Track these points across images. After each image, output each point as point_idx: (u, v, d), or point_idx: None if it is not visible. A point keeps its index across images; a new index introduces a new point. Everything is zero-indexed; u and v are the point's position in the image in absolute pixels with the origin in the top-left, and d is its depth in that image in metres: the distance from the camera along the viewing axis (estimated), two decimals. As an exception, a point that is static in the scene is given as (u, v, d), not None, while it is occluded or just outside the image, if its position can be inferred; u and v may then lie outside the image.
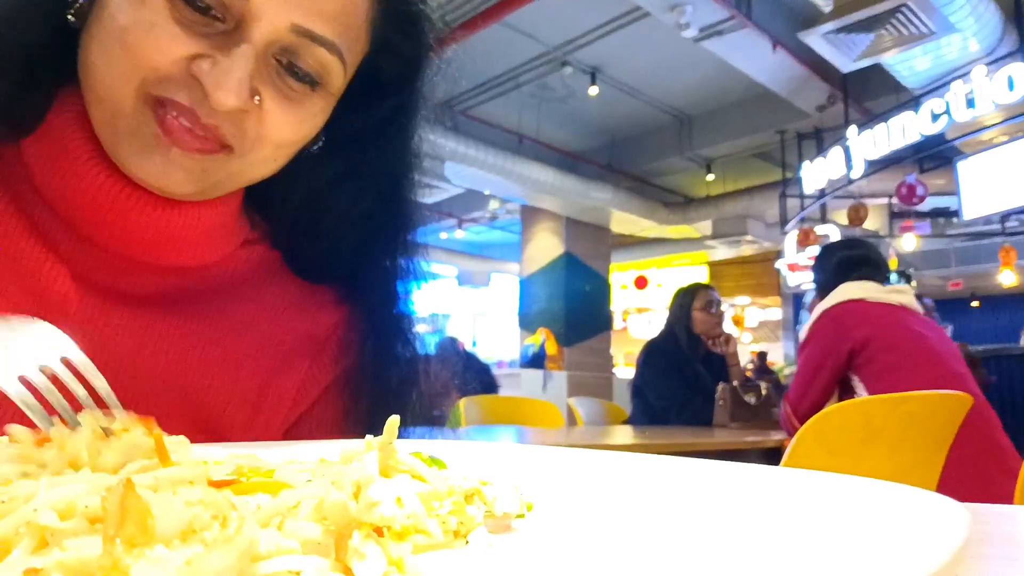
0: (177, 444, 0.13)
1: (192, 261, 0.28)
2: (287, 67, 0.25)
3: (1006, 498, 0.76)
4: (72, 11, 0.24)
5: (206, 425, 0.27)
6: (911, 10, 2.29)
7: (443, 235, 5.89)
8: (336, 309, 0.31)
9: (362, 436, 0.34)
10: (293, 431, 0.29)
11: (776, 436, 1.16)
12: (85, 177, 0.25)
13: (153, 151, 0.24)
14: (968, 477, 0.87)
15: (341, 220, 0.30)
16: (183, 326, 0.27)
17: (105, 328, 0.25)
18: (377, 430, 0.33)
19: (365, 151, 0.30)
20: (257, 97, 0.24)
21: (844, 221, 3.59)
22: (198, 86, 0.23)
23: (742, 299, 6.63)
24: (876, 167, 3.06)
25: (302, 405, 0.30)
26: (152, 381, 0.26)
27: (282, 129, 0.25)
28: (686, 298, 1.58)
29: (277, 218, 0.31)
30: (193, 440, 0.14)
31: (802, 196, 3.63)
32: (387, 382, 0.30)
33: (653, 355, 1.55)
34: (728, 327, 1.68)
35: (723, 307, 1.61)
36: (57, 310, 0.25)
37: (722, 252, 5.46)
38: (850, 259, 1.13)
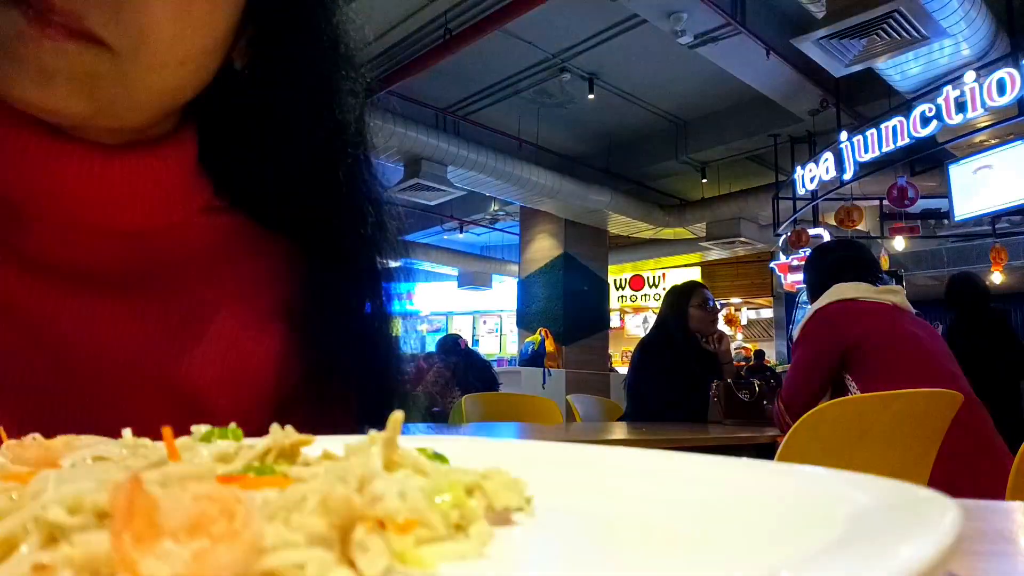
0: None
1: (146, 222, 0.24)
2: None
3: (998, 496, 0.77)
4: None
5: (192, 409, 0.24)
6: (903, 15, 2.32)
7: (444, 236, 5.90)
8: (311, 281, 0.28)
9: (341, 411, 0.28)
10: (286, 405, 0.27)
11: (770, 432, 1.16)
12: (8, 143, 0.21)
13: (20, 55, 0.19)
14: (961, 475, 0.88)
15: (281, 141, 0.26)
16: (150, 309, 0.24)
17: (61, 318, 0.22)
18: (366, 401, 0.28)
19: (290, 53, 0.25)
20: None
21: (835, 223, 3.63)
22: None
23: (736, 299, 6.67)
24: (868, 170, 3.10)
25: (287, 376, 0.27)
26: (125, 368, 0.23)
27: (168, 16, 0.20)
28: (682, 296, 1.58)
29: (233, 172, 0.27)
30: (183, 424, 0.13)
31: (795, 199, 3.67)
32: (359, 354, 0.28)
33: (648, 353, 1.54)
34: (721, 326, 1.70)
35: (717, 305, 1.62)
36: (3, 306, 0.22)
37: (716, 253, 5.50)
38: (844, 259, 1.14)
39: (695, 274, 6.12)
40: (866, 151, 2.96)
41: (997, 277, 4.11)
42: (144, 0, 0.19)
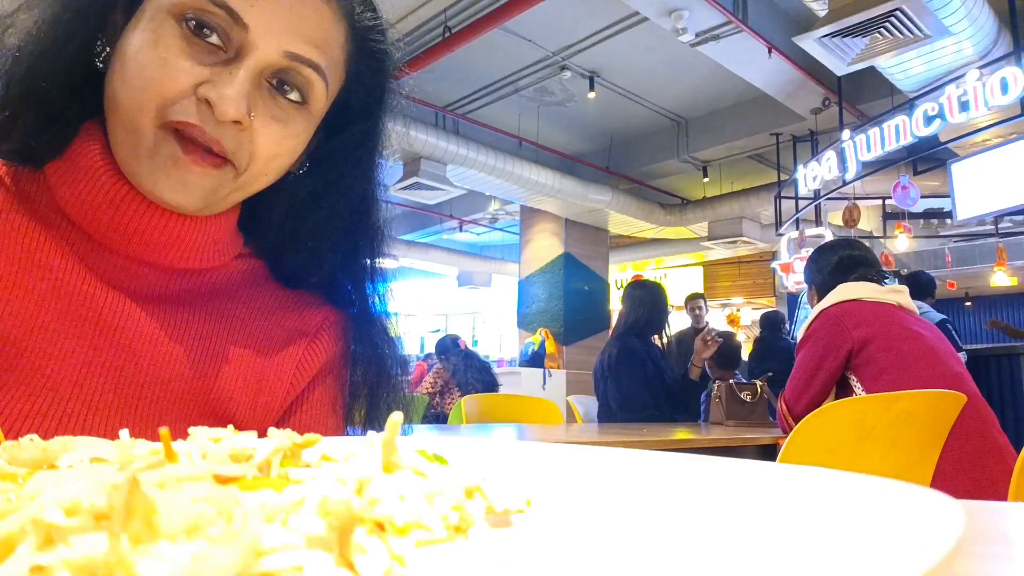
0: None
1: (197, 264, 0.32)
2: (277, 86, 0.29)
3: (1001, 497, 0.77)
4: (100, 59, 0.29)
5: (215, 406, 0.31)
6: (905, 14, 2.31)
7: (444, 236, 5.90)
8: (321, 310, 0.36)
9: (345, 417, 0.35)
10: (292, 410, 0.34)
11: (771, 433, 1.16)
12: (109, 192, 0.29)
13: (171, 170, 0.28)
14: (967, 476, 0.88)
15: (317, 233, 0.35)
16: (191, 323, 0.32)
17: (127, 323, 0.30)
18: (357, 412, 0.34)
19: (337, 169, 0.34)
20: (252, 114, 0.28)
21: (839, 222, 3.62)
22: (205, 106, 0.27)
23: (737, 299, 6.66)
24: (870, 169, 3.09)
25: (297, 387, 0.34)
26: (168, 368, 0.30)
27: (269, 145, 0.29)
28: (664, 295, 1.57)
29: (263, 233, 0.35)
30: (204, 419, 0.16)
31: (797, 198, 3.66)
32: (363, 370, 0.36)
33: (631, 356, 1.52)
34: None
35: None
36: (85, 307, 0.29)
37: (718, 253, 5.49)
38: (849, 259, 1.13)
39: (697, 274, 6.11)
40: (868, 150, 2.95)
41: (1001, 277, 4.10)
42: (256, 136, 0.29)
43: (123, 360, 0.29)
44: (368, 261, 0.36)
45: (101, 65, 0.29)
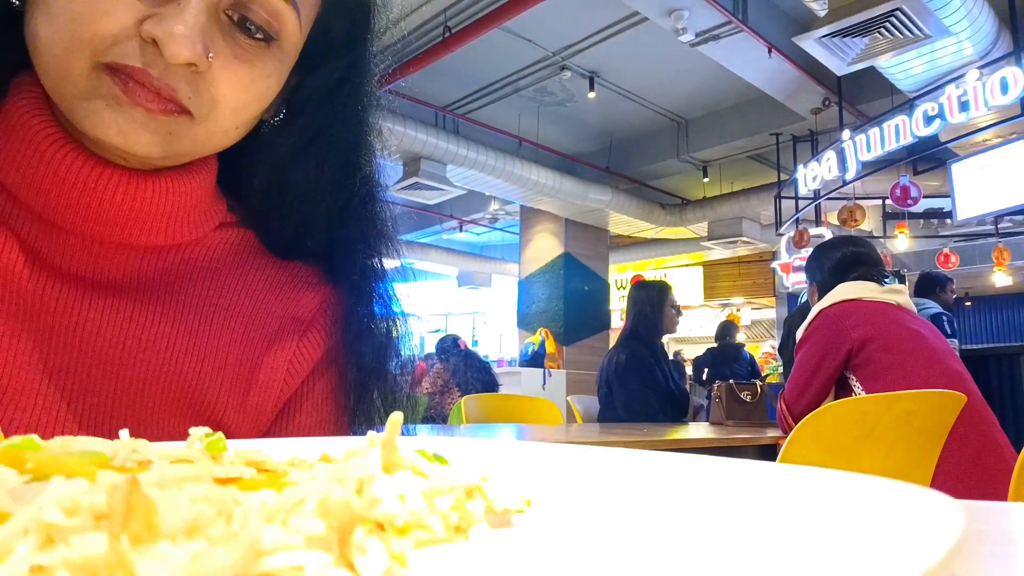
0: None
1: (168, 239, 0.27)
2: (238, 23, 0.24)
3: (1002, 497, 0.77)
4: None
5: (199, 411, 0.26)
6: (905, 14, 2.32)
7: (444, 236, 5.91)
8: (318, 290, 0.30)
9: (348, 414, 0.31)
10: (285, 409, 0.29)
11: (771, 434, 1.16)
12: (50, 159, 0.24)
13: (114, 111, 0.22)
14: (967, 476, 0.88)
15: (306, 191, 0.29)
16: (167, 314, 0.26)
17: (88, 321, 0.24)
18: (360, 407, 0.30)
19: (322, 115, 0.29)
20: (211, 55, 0.23)
21: (838, 222, 3.63)
22: (150, 47, 0.22)
23: (737, 299, 6.67)
24: (870, 169, 3.10)
25: (292, 385, 0.29)
26: (141, 369, 0.25)
27: (234, 90, 0.24)
28: (661, 295, 1.56)
29: (247, 195, 0.30)
30: (186, 425, 0.14)
31: (797, 198, 3.66)
32: (365, 357, 0.30)
33: (631, 364, 1.50)
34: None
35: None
36: (38, 303, 0.24)
37: (718, 253, 5.50)
38: (851, 256, 1.13)
39: (697, 274, 6.12)
40: (868, 150, 2.95)
41: (1001, 278, 4.10)
42: (217, 79, 0.24)
43: (88, 363, 0.24)
44: (365, 221, 0.30)
45: (16, 1, 0.23)
